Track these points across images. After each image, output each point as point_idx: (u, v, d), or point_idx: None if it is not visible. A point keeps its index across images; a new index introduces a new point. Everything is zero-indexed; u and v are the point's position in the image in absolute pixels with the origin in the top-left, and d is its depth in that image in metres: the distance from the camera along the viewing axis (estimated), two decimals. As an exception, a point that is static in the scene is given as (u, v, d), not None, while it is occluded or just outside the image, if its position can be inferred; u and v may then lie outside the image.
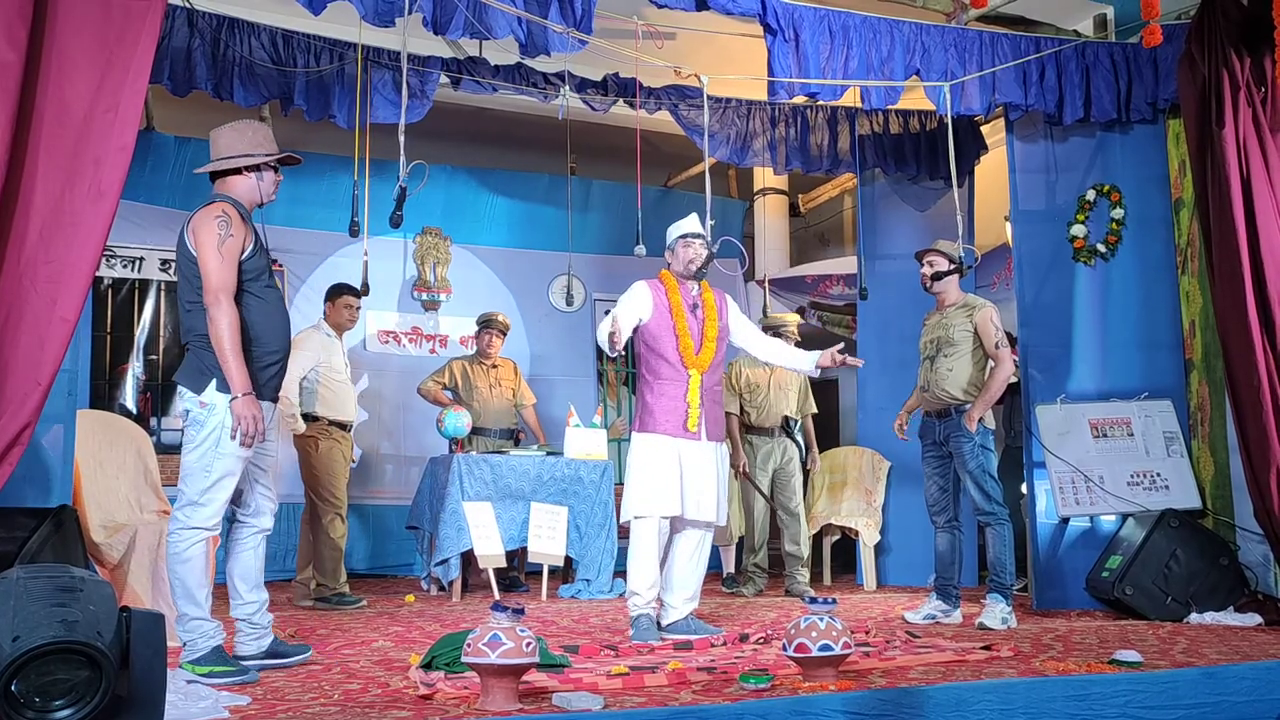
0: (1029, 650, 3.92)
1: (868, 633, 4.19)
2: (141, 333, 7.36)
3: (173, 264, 6.71)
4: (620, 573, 5.22)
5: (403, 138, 4.80)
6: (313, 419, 5.60)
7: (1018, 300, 5.90)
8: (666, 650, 3.92)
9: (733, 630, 4.34)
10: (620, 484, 5.10)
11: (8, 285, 3.16)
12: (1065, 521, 5.55)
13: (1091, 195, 5.89)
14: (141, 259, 7.35)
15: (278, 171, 3.65)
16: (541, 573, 6.13)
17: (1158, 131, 5.84)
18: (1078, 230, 5.86)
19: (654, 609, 4.35)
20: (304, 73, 5.52)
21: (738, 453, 6.23)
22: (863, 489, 6.94)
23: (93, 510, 4.28)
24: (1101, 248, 5.84)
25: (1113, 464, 5.53)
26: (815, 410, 6.68)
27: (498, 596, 5.92)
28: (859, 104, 6.06)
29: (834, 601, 3.23)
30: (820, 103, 6.38)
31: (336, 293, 5.86)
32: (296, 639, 4.22)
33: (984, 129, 6.81)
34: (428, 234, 8.21)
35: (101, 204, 3.28)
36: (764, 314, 7.86)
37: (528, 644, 2.82)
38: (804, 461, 6.54)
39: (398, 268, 8.11)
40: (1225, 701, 3.14)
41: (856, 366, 4.70)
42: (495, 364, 6.92)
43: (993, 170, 6.96)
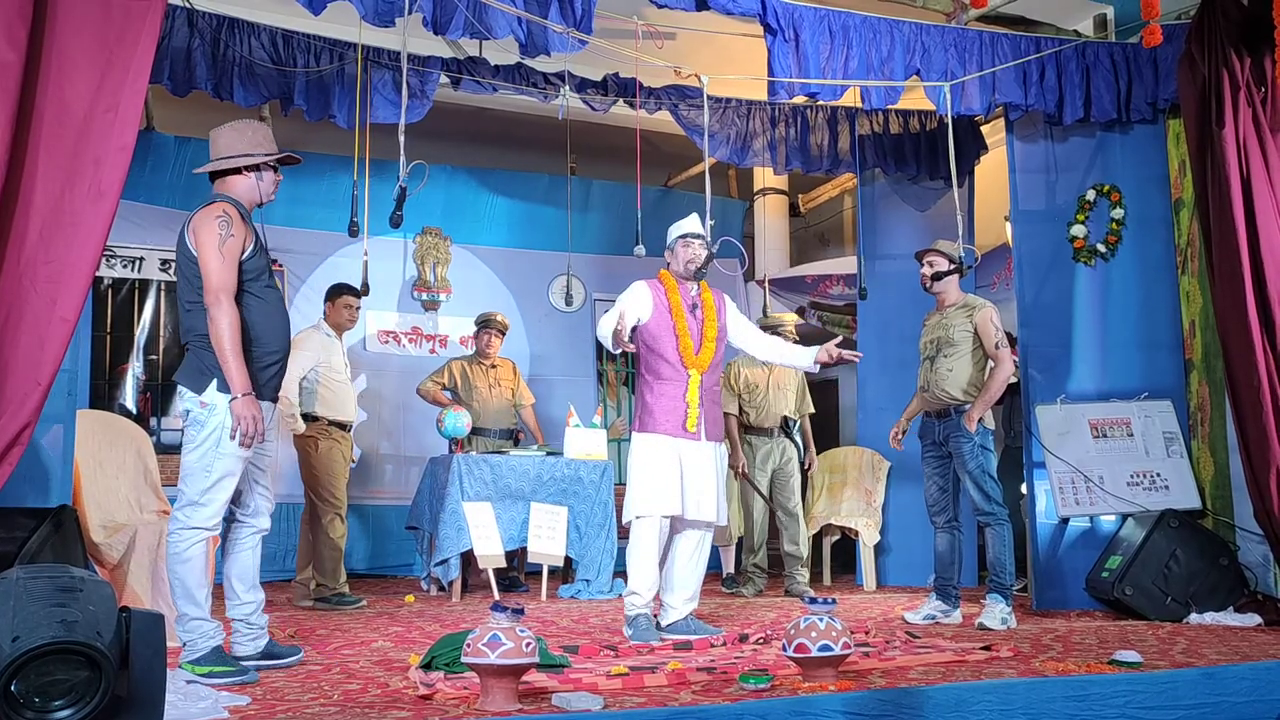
0: (1029, 650, 3.92)
1: (867, 633, 4.19)
2: (141, 333, 7.37)
3: (173, 264, 6.70)
4: (620, 573, 5.22)
5: (403, 138, 4.80)
6: (312, 419, 5.61)
7: (1018, 300, 5.90)
8: (666, 650, 3.91)
9: (732, 630, 4.34)
10: (620, 484, 5.10)
11: (8, 285, 3.16)
12: (1065, 522, 5.55)
13: (1091, 195, 5.89)
14: (141, 259, 7.36)
15: (277, 171, 3.66)
16: (541, 573, 6.13)
17: (1158, 131, 5.84)
18: (1078, 230, 5.86)
19: (651, 609, 4.36)
20: (304, 73, 5.51)
21: (736, 453, 6.23)
22: (862, 489, 6.94)
23: (92, 510, 4.28)
24: (1101, 248, 5.84)
25: (1113, 464, 5.53)
26: (812, 410, 6.68)
27: (497, 597, 5.92)
28: (859, 104, 6.06)
29: (834, 602, 3.23)
30: (820, 103, 6.38)
31: (336, 293, 5.86)
32: (296, 639, 4.22)
33: (984, 129, 6.81)
34: (428, 234, 8.21)
35: (101, 204, 3.28)
36: (764, 314, 7.86)
37: (527, 644, 2.82)
38: (802, 462, 6.54)
39: (398, 268, 8.12)
40: (1225, 702, 3.14)
41: (855, 360, 4.69)
42: (494, 364, 6.92)
43: (993, 170, 6.96)
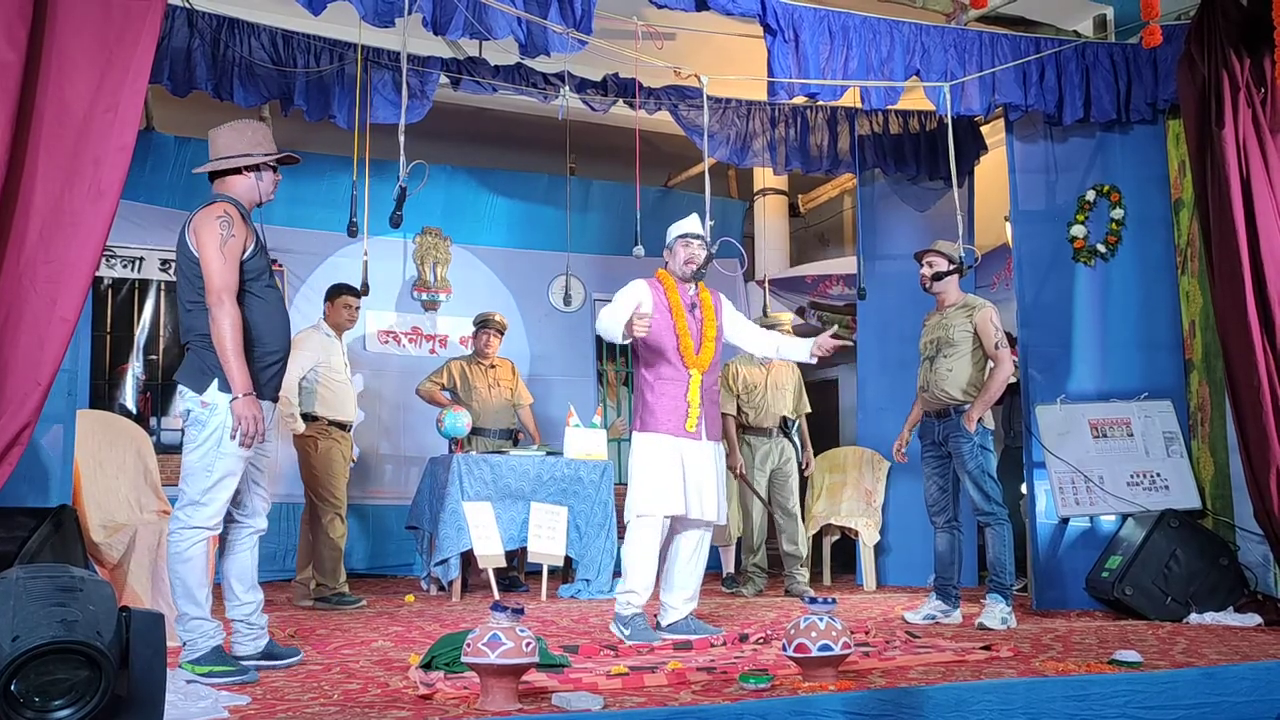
0: (1029, 650, 3.92)
1: (867, 633, 4.19)
2: (141, 333, 7.37)
3: (173, 264, 6.70)
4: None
5: (403, 138, 4.80)
6: (312, 419, 5.61)
7: (1018, 300, 5.90)
8: (666, 650, 3.92)
9: (732, 630, 4.34)
10: (621, 484, 5.10)
11: (8, 285, 3.16)
12: (1065, 522, 5.56)
13: (1091, 195, 5.89)
14: (141, 259, 7.36)
15: (277, 171, 3.66)
16: (541, 573, 6.13)
17: (1157, 132, 5.84)
18: (1078, 230, 5.86)
19: (644, 609, 4.35)
20: (304, 73, 5.51)
21: (734, 453, 6.23)
22: (862, 489, 6.94)
23: (92, 510, 4.28)
24: (1101, 248, 5.84)
25: (1112, 464, 5.53)
26: (809, 410, 6.68)
27: (497, 596, 5.91)
28: (859, 104, 6.06)
29: (833, 602, 3.23)
30: (820, 103, 6.38)
31: (336, 293, 5.86)
32: (296, 639, 4.23)
33: (984, 129, 6.81)
34: (428, 234, 8.21)
35: (101, 204, 3.28)
36: (764, 314, 7.86)
37: (527, 644, 2.82)
38: (800, 462, 6.54)
39: (397, 268, 8.12)
40: (1225, 702, 3.14)
41: (847, 344, 4.62)
42: (493, 364, 6.92)
43: (993, 170, 6.96)
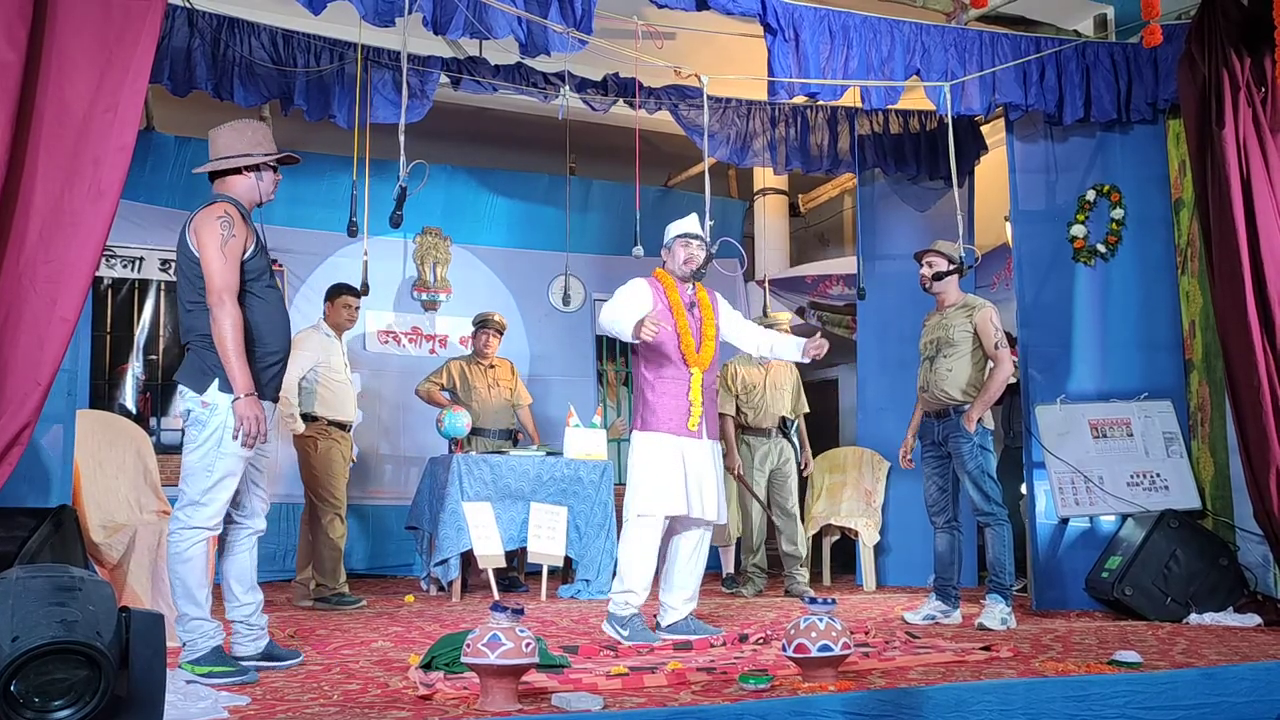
0: (1028, 651, 3.92)
1: (867, 633, 4.19)
2: (141, 333, 7.37)
3: (173, 264, 6.71)
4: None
5: (403, 138, 4.80)
6: (312, 419, 5.60)
7: (1017, 300, 5.90)
8: (666, 650, 3.92)
9: (732, 630, 4.34)
10: (620, 484, 5.10)
11: (8, 285, 3.16)
12: (1065, 522, 5.56)
13: (1091, 195, 5.89)
14: (141, 259, 7.36)
15: (277, 171, 3.66)
16: (541, 573, 6.13)
17: (1158, 131, 5.84)
18: (1078, 230, 5.86)
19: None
20: (304, 73, 5.51)
21: (732, 454, 6.23)
22: (862, 489, 6.94)
23: (92, 510, 4.27)
24: (1101, 248, 5.84)
25: (1112, 464, 5.53)
26: (807, 410, 6.68)
27: (497, 597, 5.91)
28: (859, 104, 6.06)
29: (833, 602, 3.23)
30: (820, 103, 6.38)
31: (336, 293, 5.86)
32: (296, 639, 4.23)
33: (984, 129, 6.81)
34: (428, 234, 8.21)
35: (101, 204, 3.28)
36: (764, 313, 7.86)
37: (527, 644, 2.82)
38: (799, 463, 6.54)
39: (397, 268, 8.11)
40: (1225, 702, 3.14)
41: (820, 349, 4.50)
42: (492, 364, 6.91)
43: (993, 170, 6.96)
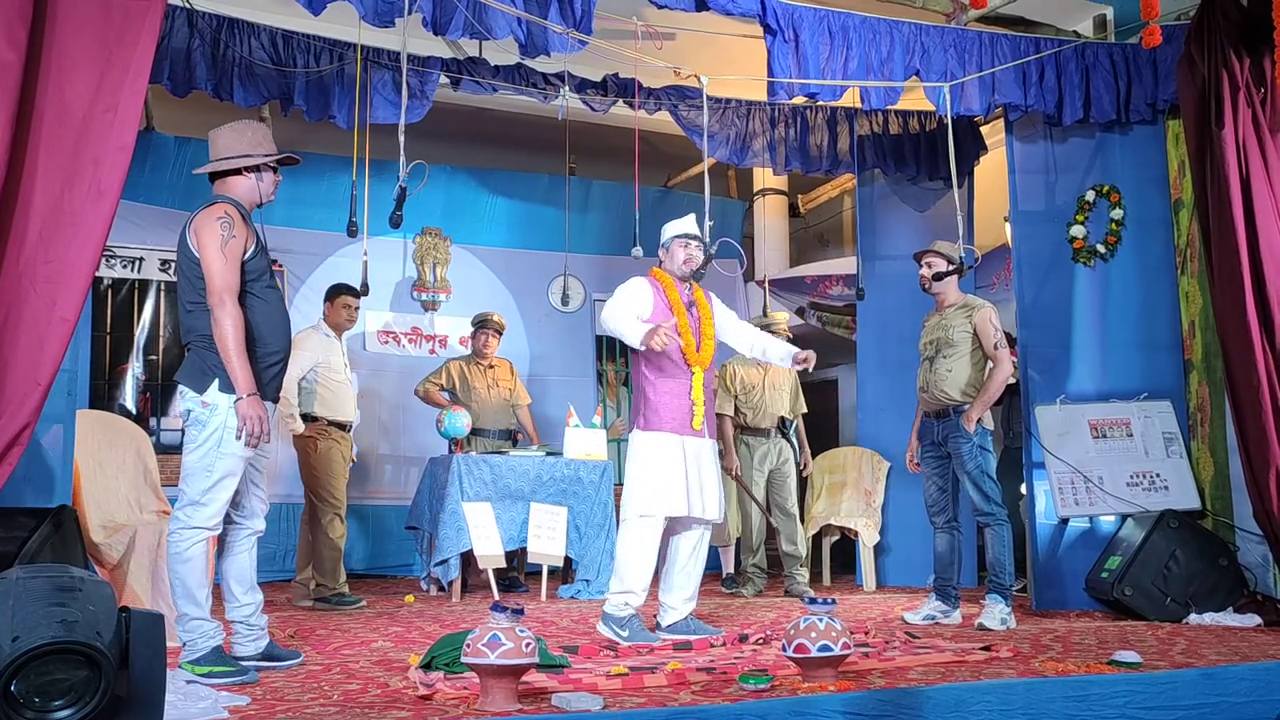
0: (1028, 651, 3.92)
1: (867, 633, 4.19)
2: (141, 333, 7.36)
3: (173, 264, 6.71)
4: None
5: (403, 138, 4.80)
6: (311, 419, 5.60)
7: (1017, 301, 5.90)
8: (666, 650, 3.92)
9: (732, 630, 4.34)
10: (620, 484, 5.09)
11: (7, 285, 3.16)
12: (1064, 522, 5.56)
13: (1091, 196, 5.89)
14: (141, 259, 7.35)
15: (277, 172, 3.66)
16: (541, 573, 6.13)
17: (1157, 132, 5.84)
18: (1077, 231, 5.86)
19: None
20: (304, 73, 5.51)
21: (730, 455, 6.23)
22: (862, 489, 6.94)
23: (92, 510, 4.27)
24: (1101, 248, 5.84)
25: (1112, 464, 5.53)
26: (805, 410, 6.69)
27: (497, 597, 5.91)
28: (859, 104, 6.05)
29: (833, 602, 3.23)
30: (820, 103, 6.38)
31: (335, 293, 5.86)
32: (296, 639, 4.23)
33: (984, 129, 6.81)
34: (427, 234, 8.21)
35: (101, 204, 3.28)
36: (763, 314, 7.86)
37: (527, 644, 2.82)
38: (798, 463, 6.54)
39: (397, 268, 8.11)
40: (1224, 702, 3.14)
41: (809, 361, 4.49)
42: (492, 364, 6.92)
43: (992, 170, 6.96)
